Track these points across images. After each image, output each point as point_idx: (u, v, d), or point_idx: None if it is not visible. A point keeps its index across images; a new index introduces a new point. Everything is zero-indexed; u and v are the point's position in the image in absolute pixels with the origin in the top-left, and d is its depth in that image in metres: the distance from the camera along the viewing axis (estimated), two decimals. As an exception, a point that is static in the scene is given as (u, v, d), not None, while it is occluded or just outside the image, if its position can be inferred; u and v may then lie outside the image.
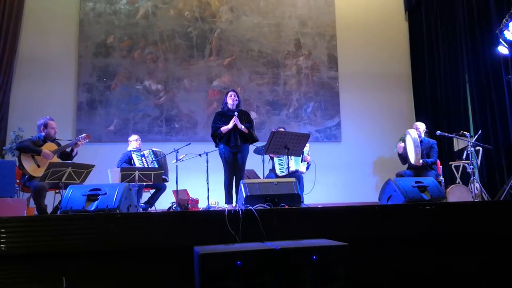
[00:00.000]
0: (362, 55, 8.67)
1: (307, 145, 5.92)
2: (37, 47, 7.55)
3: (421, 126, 5.95)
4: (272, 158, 5.92)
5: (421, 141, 5.67)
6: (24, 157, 4.62)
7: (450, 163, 6.86)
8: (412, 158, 5.55)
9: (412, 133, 5.60)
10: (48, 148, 4.77)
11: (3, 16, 7.13)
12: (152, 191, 5.88)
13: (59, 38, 7.69)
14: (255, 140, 5.29)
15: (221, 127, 5.12)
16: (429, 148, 5.75)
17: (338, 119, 8.43)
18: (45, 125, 4.86)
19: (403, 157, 5.90)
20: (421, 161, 5.53)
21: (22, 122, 6.77)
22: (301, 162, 5.83)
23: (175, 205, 5.88)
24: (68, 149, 4.98)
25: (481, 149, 6.27)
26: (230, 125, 5.06)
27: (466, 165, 6.04)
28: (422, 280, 3.16)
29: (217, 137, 5.20)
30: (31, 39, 7.54)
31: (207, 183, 5.60)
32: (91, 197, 3.24)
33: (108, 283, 2.77)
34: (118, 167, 5.86)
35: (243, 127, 5.12)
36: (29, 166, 4.62)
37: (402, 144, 5.88)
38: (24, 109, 7.23)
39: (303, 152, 5.84)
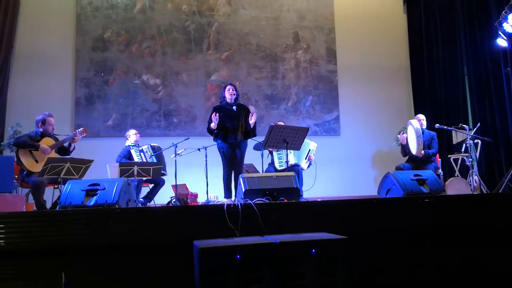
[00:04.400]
0: (360, 48, 8.64)
1: (315, 144, 5.92)
2: (34, 42, 7.51)
3: (422, 117, 5.94)
4: (271, 152, 5.92)
5: (422, 133, 5.67)
6: (22, 152, 4.61)
7: (449, 156, 6.87)
8: (413, 149, 5.53)
9: (414, 123, 5.58)
10: (45, 143, 4.75)
11: (-1, 11, 7.09)
12: (151, 185, 5.88)
13: (56, 33, 7.65)
14: (254, 135, 5.28)
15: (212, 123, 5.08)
16: (430, 140, 5.75)
17: (337, 112, 8.42)
18: (43, 121, 4.84)
19: (405, 149, 5.88)
20: (422, 151, 5.52)
21: (20, 118, 6.75)
22: (305, 159, 5.83)
23: (174, 200, 5.88)
24: (66, 144, 4.96)
25: (480, 142, 6.27)
26: (214, 125, 5.01)
27: (465, 158, 6.05)
28: (422, 273, 3.17)
29: (213, 133, 5.17)
30: (28, 34, 7.49)
31: (206, 178, 5.60)
32: (90, 192, 3.23)
33: (107, 278, 2.77)
34: (117, 161, 5.86)
35: (251, 122, 5.09)
36: (27, 161, 4.60)
37: (405, 135, 5.82)
38: (22, 104, 7.20)
39: (309, 150, 5.85)
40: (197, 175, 5.94)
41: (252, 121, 5.11)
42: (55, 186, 4.85)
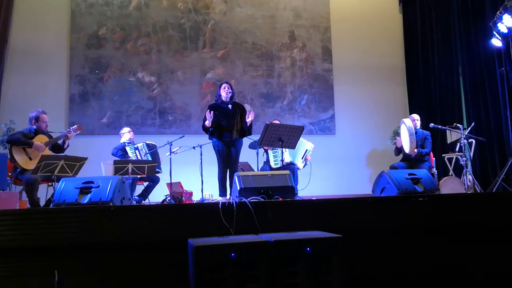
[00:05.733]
0: (356, 48, 8.66)
1: (312, 145, 5.93)
2: (29, 38, 7.45)
3: (417, 117, 5.96)
4: (266, 151, 5.92)
5: (415, 132, 5.69)
6: (15, 150, 4.58)
7: (443, 155, 6.90)
8: (406, 147, 5.55)
9: (407, 122, 5.61)
10: (39, 140, 4.72)
11: (-7, 7, 7.03)
12: (146, 183, 5.86)
13: (51, 29, 7.60)
14: (250, 133, 5.27)
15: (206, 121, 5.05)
16: (423, 139, 5.77)
17: (332, 111, 8.43)
18: (37, 118, 4.81)
19: (398, 150, 5.91)
20: (415, 150, 5.54)
21: (14, 115, 6.70)
22: (301, 158, 5.84)
23: (169, 198, 5.87)
24: (60, 142, 4.94)
25: (474, 141, 6.31)
26: (208, 123, 4.99)
27: (459, 157, 6.08)
28: (416, 271, 3.18)
29: (208, 131, 5.15)
30: (23, 31, 7.43)
31: (201, 176, 5.59)
32: (84, 190, 3.21)
33: (101, 276, 2.76)
34: (113, 154, 5.86)
35: (248, 121, 5.08)
36: (21, 159, 4.58)
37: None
38: (15, 101, 7.15)
39: (306, 150, 5.85)
40: (192, 173, 5.92)
41: (249, 119, 5.10)
42: (49, 183, 4.82)
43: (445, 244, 3.27)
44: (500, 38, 6.06)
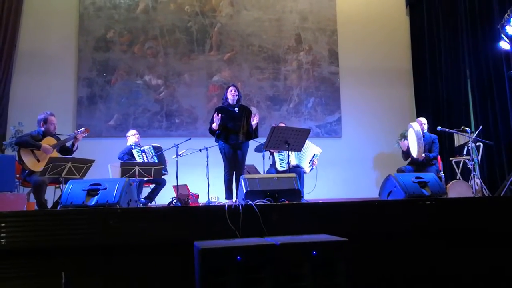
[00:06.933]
0: (363, 50, 8.65)
1: (320, 150, 5.91)
2: (37, 41, 7.52)
3: (424, 121, 5.94)
4: (272, 154, 5.92)
5: (423, 136, 5.66)
6: (23, 152, 4.61)
7: (450, 158, 6.85)
8: (414, 151, 5.54)
9: (415, 126, 5.59)
10: (47, 142, 4.75)
11: (3, 10, 7.10)
12: (153, 186, 5.88)
13: (59, 32, 7.66)
14: (256, 136, 5.28)
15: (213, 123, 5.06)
16: (431, 143, 5.76)
17: (339, 114, 8.41)
18: (45, 121, 4.84)
19: (406, 154, 5.89)
20: (423, 154, 5.52)
21: (22, 117, 6.75)
22: (309, 163, 5.83)
23: (175, 200, 5.89)
24: (69, 144, 4.97)
25: (481, 144, 6.26)
26: (216, 126, 5.00)
27: (467, 160, 6.04)
28: (421, 276, 3.16)
29: (214, 134, 5.16)
30: (31, 34, 7.50)
31: (207, 178, 5.60)
32: (91, 192, 3.23)
33: (108, 278, 2.77)
34: (119, 158, 5.88)
35: (254, 123, 5.09)
36: (29, 160, 4.61)
37: (406, 142, 5.84)
38: (24, 103, 7.20)
39: (313, 155, 5.83)
40: (199, 176, 5.93)
41: (254, 122, 5.10)
42: (57, 185, 4.85)
43: (452, 248, 3.25)
44: (508, 41, 6.02)
